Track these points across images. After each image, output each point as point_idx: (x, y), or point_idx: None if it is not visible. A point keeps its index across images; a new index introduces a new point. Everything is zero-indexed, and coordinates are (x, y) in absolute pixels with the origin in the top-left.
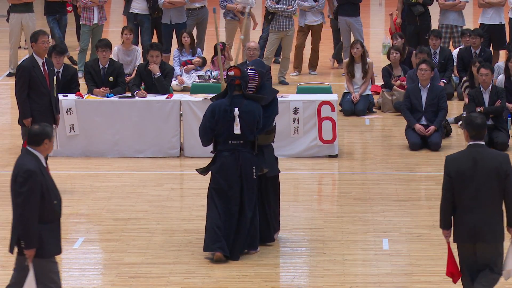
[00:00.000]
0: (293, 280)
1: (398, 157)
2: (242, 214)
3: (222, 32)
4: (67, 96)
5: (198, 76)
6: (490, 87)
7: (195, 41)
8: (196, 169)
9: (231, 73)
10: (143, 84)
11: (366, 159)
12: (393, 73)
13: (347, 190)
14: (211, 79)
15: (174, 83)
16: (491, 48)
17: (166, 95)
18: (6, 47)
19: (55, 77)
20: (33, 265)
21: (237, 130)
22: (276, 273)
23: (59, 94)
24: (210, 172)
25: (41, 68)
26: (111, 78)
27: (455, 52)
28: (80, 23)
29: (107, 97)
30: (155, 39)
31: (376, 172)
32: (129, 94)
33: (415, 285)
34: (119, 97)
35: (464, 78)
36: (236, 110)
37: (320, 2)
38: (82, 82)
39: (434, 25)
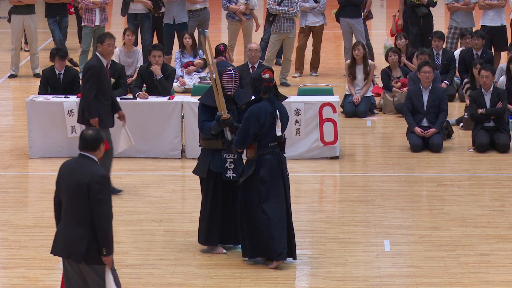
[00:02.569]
0: (294, 282)
1: (400, 159)
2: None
3: (224, 33)
4: (68, 97)
5: (200, 77)
6: (491, 89)
7: (197, 42)
8: (240, 179)
9: (266, 75)
10: (144, 85)
11: (368, 161)
12: (392, 74)
13: (348, 192)
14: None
15: (175, 84)
16: (492, 50)
17: (167, 97)
18: (8, 48)
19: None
20: (98, 272)
21: (279, 131)
22: (277, 274)
23: (61, 96)
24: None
25: (105, 69)
26: (112, 80)
27: (456, 53)
28: (82, 24)
29: None
30: (155, 41)
31: (378, 173)
32: (130, 96)
33: (416, 286)
34: (121, 99)
35: (466, 80)
36: (277, 111)
37: (321, 3)
38: None
39: (436, 27)
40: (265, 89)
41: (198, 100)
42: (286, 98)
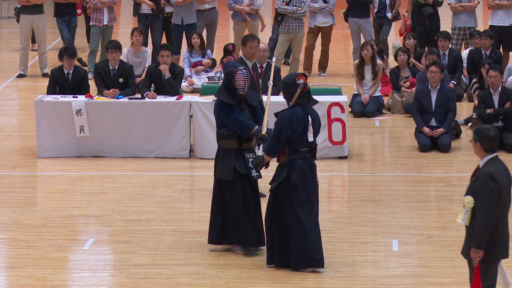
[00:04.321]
0: (302, 282)
1: (408, 159)
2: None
3: (231, 33)
4: (77, 97)
5: (208, 77)
6: (499, 89)
7: (205, 42)
8: (271, 185)
9: (301, 81)
10: (153, 85)
11: (376, 161)
12: (401, 74)
13: (357, 192)
14: (221, 81)
15: (184, 84)
16: (501, 50)
17: (176, 97)
18: (16, 48)
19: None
20: None
21: (311, 137)
22: (286, 274)
23: (69, 96)
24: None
25: (251, 71)
26: (121, 80)
27: (464, 53)
28: (90, 24)
29: (117, 98)
30: (164, 40)
31: (386, 173)
32: (139, 96)
33: (425, 286)
34: (129, 99)
35: (474, 80)
36: (309, 117)
37: (330, 3)
38: (92, 83)
39: (443, 26)
40: (300, 94)
41: (215, 96)
42: (317, 102)
